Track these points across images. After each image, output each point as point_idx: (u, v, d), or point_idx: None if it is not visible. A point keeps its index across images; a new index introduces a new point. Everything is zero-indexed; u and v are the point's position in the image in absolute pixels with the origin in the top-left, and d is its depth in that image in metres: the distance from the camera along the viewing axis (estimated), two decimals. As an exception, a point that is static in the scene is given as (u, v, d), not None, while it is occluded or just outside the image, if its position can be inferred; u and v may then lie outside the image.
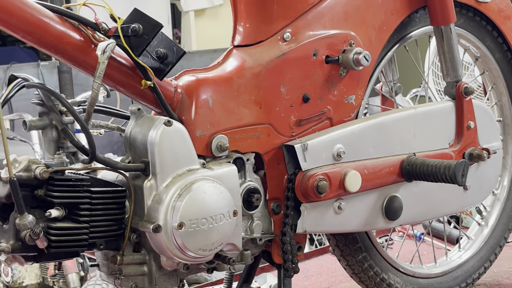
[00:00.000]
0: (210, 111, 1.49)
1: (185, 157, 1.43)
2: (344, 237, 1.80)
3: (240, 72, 1.54)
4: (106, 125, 1.51)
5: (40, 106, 1.37)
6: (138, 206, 1.41)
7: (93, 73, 1.36)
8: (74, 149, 1.39)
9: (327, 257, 2.47)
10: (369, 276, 1.86)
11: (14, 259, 1.36)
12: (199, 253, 1.41)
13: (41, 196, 1.33)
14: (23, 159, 1.32)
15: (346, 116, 1.70)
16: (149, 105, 1.48)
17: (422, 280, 1.97)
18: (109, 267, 1.45)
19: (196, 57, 5.79)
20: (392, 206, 1.73)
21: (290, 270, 1.60)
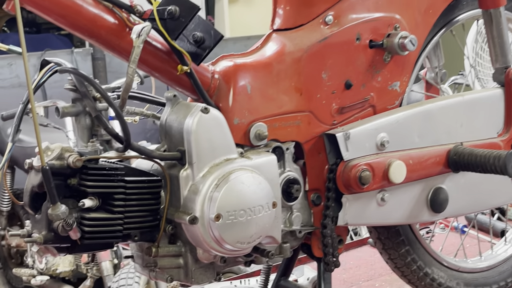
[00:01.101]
0: (248, 98, 1.43)
1: (223, 146, 1.37)
2: (386, 230, 1.73)
3: (280, 57, 1.48)
4: (141, 112, 1.46)
5: (73, 92, 1.32)
6: (173, 197, 1.36)
7: (128, 58, 1.31)
8: (108, 137, 1.34)
9: (366, 249, 2.41)
10: (412, 270, 1.79)
11: (46, 250, 1.32)
12: (237, 246, 1.35)
13: (74, 186, 1.28)
14: (56, 147, 1.28)
15: (390, 104, 1.62)
16: (185, 91, 1.42)
17: (467, 274, 1.90)
18: (144, 259, 1.41)
19: (230, 44, 5.73)
20: (438, 198, 1.65)
21: (331, 264, 1.54)
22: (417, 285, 1.84)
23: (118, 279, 3.35)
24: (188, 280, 1.41)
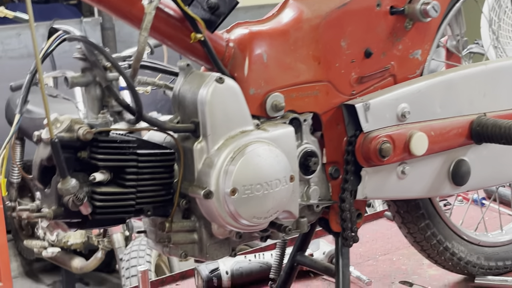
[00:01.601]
0: (264, 67, 1.38)
1: (238, 117, 1.32)
2: (406, 204, 1.68)
3: (297, 24, 1.42)
4: (153, 82, 1.40)
5: (83, 61, 1.26)
6: (187, 170, 1.31)
7: (139, 25, 1.25)
8: (119, 108, 1.28)
9: (383, 222, 2.36)
10: (432, 245, 1.74)
11: (56, 225, 1.28)
12: (253, 221, 1.31)
13: (85, 159, 1.24)
14: (65, 118, 1.23)
15: (411, 73, 1.56)
16: (198, 60, 1.37)
17: (488, 249, 1.85)
18: (157, 234, 1.36)
19: (241, 13, 5.64)
20: (460, 170, 1.60)
21: (349, 239, 1.50)
22: (436, 259, 1.79)
23: (129, 251, 3.33)
24: (202, 256, 1.36)
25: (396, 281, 1.91)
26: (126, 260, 3.27)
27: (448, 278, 1.89)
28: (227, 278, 1.89)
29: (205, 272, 1.89)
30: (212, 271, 1.89)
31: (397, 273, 1.96)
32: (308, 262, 1.65)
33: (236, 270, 1.90)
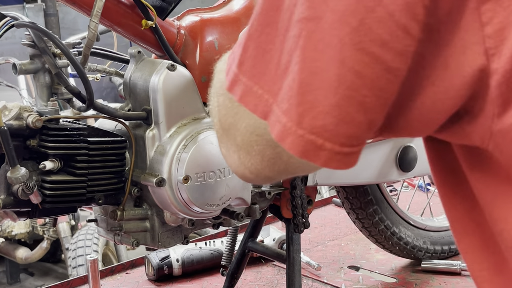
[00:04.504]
0: (216, 55, 1.37)
1: (190, 104, 1.32)
2: (354, 190, 1.71)
3: (248, 11, 1.42)
4: (103, 69, 1.39)
5: (31, 48, 1.24)
6: (139, 158, 1.30)
7: (89, 12, 1.23)
8: (69, 96, 1.27)
9: (330, 209, 2.39)
10: (379, 230, 1.78)
11: (5, 215, 1.26)
12: (206, 208, 1.31)
13: (34, 147, 1.22)
14: (14, 106, 1.21)
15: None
16: (149, 47, 1.36)
17: (433, 233, 1.90)
18: (108, 222, 1.35)
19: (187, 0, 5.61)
20: (407, 156, 1.64)
21: (300, 225, 1.51)
22: (384, 244, 1.83)
23: (76, 240, 3.29)
24: (154, 244, 1.36)
25: (345, 266, 1.94)
26: (73, 249, 3.23)
27: (395, 262, 1.93)
28: (178, 266, 1.89)
29: (156, 260, 1.89)
30: (163, 259, 1.89)
31: (346, 258, 1.99)
32: (260, 248, 1.66)
33: (187, 257, 1.90)
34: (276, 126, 0.69)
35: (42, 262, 4.22)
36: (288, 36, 0.68)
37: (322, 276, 1.88)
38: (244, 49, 0.73)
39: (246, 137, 0.75)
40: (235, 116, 0.76)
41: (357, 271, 1.92)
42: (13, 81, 3.56)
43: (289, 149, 0.68)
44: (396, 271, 1.90)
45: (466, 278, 1.83)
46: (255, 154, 0.75)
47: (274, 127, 0.69)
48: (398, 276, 1.87)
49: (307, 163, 0.69)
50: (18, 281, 4.28)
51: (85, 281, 1.88)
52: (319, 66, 0.66)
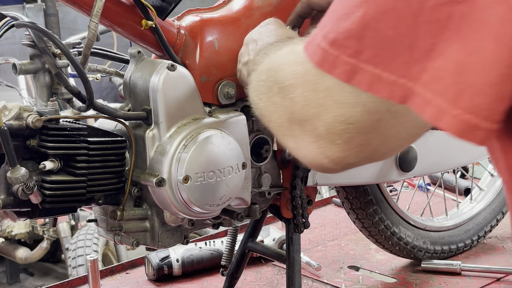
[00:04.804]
0: (216, 55, 1.37)
1: (190, 104, 1.32)
2: (354, 190, 1.71)
3: (248, 12, 1.42)
4: (103, 69, 1.39)
5: (31, 48, 1.24)
6: (139, 158, 1.30)
7: (89, 12, 1.23)
8: (69, 96, 1.26)
9: (330, 209, 2.39)
10: (380, 230, 1.77)
11: (5, 215, 1.26)
12: (206, 208, 1.31)
13: (34, 147, 1.22)
14: (14, 106, 1.21)
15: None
16: (149, 47, 1.36)
17: (433, 233, 1.90)
18: (108, 222, 1.35)
19: (187, 0, 5.61)
20: (407, 157, 1.64)
21: (300, 225, 1.51)
22: (384, 244, 1.83)
23: (76, 240, 3.29)
24: (154, 244, 1.36)
25: (345, 266, 1.94)
26: (73, 249, 3.23)
27: (395, 262, 1.93)
28: (178, 266, 1.89)
29: (156, 260, 1.89)
30: (163, 259, 1.89)
31: (346, 258, 1.99)
32: (260, 248, 1.66)
33: (187, 257, 1.90)
34: (427, 107, 0.69)
35: (42, 262, 4.22)
36: (423, 20, 0.69)
37: (322, 276, 1.88)
38: (359, 39, 0.72)
39: (334, 126, 0.75)
40: (320, 107, 0.76)
41: (357, 271, 1.92)
42: (13, 81, 3.56)
43: (447, 129, 0.68)
44: (396, 271, 1.90)
45: (466, 278, 1.83)
46: (342, 142, 0.76)
47: (423, 109, 0.69)
48: (398, 276, 1.87)
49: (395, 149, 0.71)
50: (18, 281, 4.28)
51: (85, 281, 1.88)
52: (476, 46, 0.67)
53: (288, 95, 0.81)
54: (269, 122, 0.87)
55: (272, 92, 0.84)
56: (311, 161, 0.81)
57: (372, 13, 0.72)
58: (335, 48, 0.74)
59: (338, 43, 0.74)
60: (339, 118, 0.75)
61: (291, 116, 0.81)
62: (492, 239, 2.06)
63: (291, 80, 0.81)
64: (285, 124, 0.82)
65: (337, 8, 0.77)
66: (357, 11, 0.73)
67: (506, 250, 2.00)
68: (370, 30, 0.72)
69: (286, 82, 0.82)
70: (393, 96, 0.71)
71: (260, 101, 0.88)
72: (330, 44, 0.75)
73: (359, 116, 0.74)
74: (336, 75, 0.74)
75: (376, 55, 0.72)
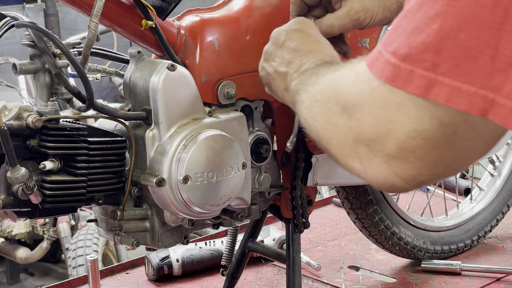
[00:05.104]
0: (216, 55, 1.37)
1: (190, 104, 1.32)
2: (354, 190, 1.71)
3: (248, 12, 1.42)
4: (103, 69, 1.39)
5: (31, 48, 1.24)
6: (139, 158, 1.30)
7: (89, 12, 1.23)
8: (69, 96, 1.27)
9: (330, 209, 2.39)
10: (380, 230, 1.77)
11: (5, 215, 1.26)
12: (206, 208, 1.31)
13: (34, 147, 1.22)
14: (14, 106, 1.21)
15: (360, 61, 1.58)
16: (149, 47, 1.36)
17: (433, 233, 1.90)
18: (108, 222, 1.35)
19: (187, 0, 5.61)
20: (407, 157, 1.63)
21: (300, 225, 1.51)
22: (384, 244, 1.83)
23: (76, 240, 3.29)
24: (154, 244, 1.36)
25: (345, 266, 1.94)
26: (73, 249, 3.23)
27: (395, 262, 1.93)
28: (178, 266, 1.89)
29: (156, 260, 1.89)
30: (163, 259, 1.89)
31: (346, 258, 1.99)
32: (260, 248, 1.66)
33: (187, 257, 1.90)
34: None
35: (42, 262, 4.22)
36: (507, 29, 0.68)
37: (322, 276, 1.88)
38: (437, 51, 0.71)
39: (407, 143, 0.74)
40: (390, 124, 0.75)
41: (357, 271, 1.92)
42: (13, 81, 3.56)
43: None
44: (396, 271, 1.90)
45: (466, 278, 1.83)
46: (415, 159, 0.74)
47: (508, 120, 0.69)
48: (398, 276, 1.87)
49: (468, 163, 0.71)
50: (18, 281, 4.28)
51: (85, 281, 1.88)
52: None
53: (354, 115, 0.79)
54: (329, 144, 0.84)
55: (331, 113, 0.82)
56: (382, 182, 0.79)
57: (451, 24, 0.71)
58: (409, 62, 0.73)
59: (412, 58, 0.73)
60: (412, 134, 0.74)
61: (357, 137, 0.79)
62: (492, 239, 2.06)
63: (356, 100, 0.79)
64: (349, 145, 0.80)
65: (403, 23, 0.75)
66: (432, 24, 0.72)
67: (506, 250, 2.00)
68: (449, 41, 0.70)
69: (350, 102, 0.80)
70: (473, 108, 0.70)
71: (316, 122, 0.86)
72: (402, 59, 0.73)
73: (434, 130, 0.72)
74: (411, 90, 0.72)
75: (455, 67, 0.70)
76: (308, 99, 0.91)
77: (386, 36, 0.77)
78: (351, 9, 1.25)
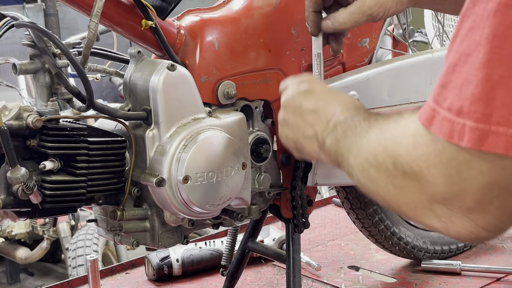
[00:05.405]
0: (216, 55, 1.38)
1: (190, 104, 1.32)
2: (354, 190, 1.71)
3: (248, 12, 1.42)
4: (103, 69, 1.39)
5: (31, 48, 1.24)
6: (139, 158, 1.30)
7: (89, 12, 1.23)
8: (69, 96, 1.27)
9: (330, 209, 2.39)
10: (379, 230, 1.77)
11: (5, 215, 1.26)
12: (206, 208, 1.31)
13: (34, 147, 1.22)
14: (14, 106, 1.21)
15: (360, 61, 1.59)
16: (149, 47, 1.36)
17: (433, 233, 1.90)
18: (108, 222, 1.35)
19: (187, 0, 5.61)
20: (407, 157, 1.63)
21: (300, 225, 1.51)
22: (384, 244, 1.83)
23: (76, 240, 3.29)
24: (154, 244, 1.36)
25: (345, 266, 1.94)
26: (73, 249, 3.23)
27: (395, 263, 1.93)
28: (178, 266, 1.89)
29: (156, 260, 1.89)
30: (163, 259, 1.89)
31: (346, 258, 1.99)
32: (260, 248, 1.66)
33: (187, 257, 1.90)
34: None
35: (42, 262, 4.23)
36: None
37: (322, 276, 1.88)
38: (487, 101, 0.70)
39: (484, 196, 0.74)
40: (464, 181, 0.75)
41: (357, 271, 1.92)
42: (13, 81, 3.56)
43: None
44: (396, 271, 1.90)
45: (466, 278, 1.83)
46: (495, 209, 0.75)
47: None
48: (398, 276, 1.87)
49: None
50: (18, 281, 4.28)
51: (85, 281, 1.88)
52: None
53: (423, 178, 0.78)
54: (399, 206, 0.84)
55: (393, 177, 0.82)
56: (467, 236, 0.79)
57: (500, 72, 0.70)
58: (462, 116, 0.72)
59: (464, 111, 0.72)
60: (487, 186, 0.74)
61: (431, 197, 0.79)
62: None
63: (422, 164, 0.79)
64: (424, 205, 0.80)
65: (453, 78, 0.74)
66: (479, 74, 0.71)
67: (506, 250, 2.00)
68: (500, 89, 0.70)
69: (415, 168, 0.79)
70: None
71: (378, 186, 0.87)
72: (456, 114, 0.73)
73: (508, 178, 0.72)
74: (465, 144, 0.72)
75: (510, 114, 0.69)
76: (359, 164, 0.91)
77: (438, 92, 0.76)
78: (364, 5, 1.24)
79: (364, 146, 0.92)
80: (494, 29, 0.70)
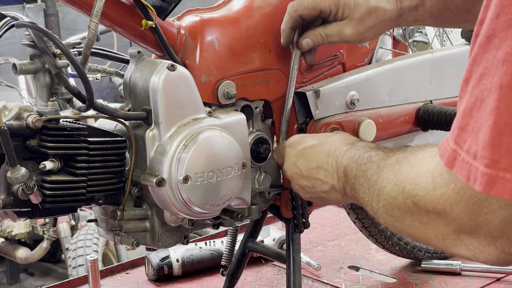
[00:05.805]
0: (216, 55, 1.37)
1: (191, 104, 1.32)
2: (354, 190, 1.71)
3: (248, 12, 1.42)
4: (103, 69, 1.39)
5: (31, 48, 1.24)
6: (139, 158, 1.30)
7: (89, 12, 1.23)
8: (69, 96, 1.27)
9: (330, 209, 2.39)
10: (380, 230, 1.78)
11: (5, 215, 1.26)
12: (206, 208, 1.31)
13: (34, 147, 1.22)
14: (14, 106, 1.21)
15: (360, 61, 1.59)
16: (149, 47, 1.36)
17: (433, 233, 1.90)
18: (108, 222, 1.35)
19: (187, 0, 5.61)
20: (407, 157, 1.63)
21: (300, 225, 1.51)
22: (384, 244, 1.83)
23: (76, 240, 3.30)
24: (154, 244, 1.36)
25: (345, 266, 1.94)
26: (73, 249, 3.23)
27: (395, 262, 1.93)
28: (178, 266, 1.89)
29: (156, 260, 1.89)
30: (163, 259, 1.89)
31: (346, 258, 1.99)
32: (260, 248, 1.66)
33: (187, 257, 1.90)
34: None
35: (42, 262, 4.23)
36: None
37: (322, 276, 1.88)
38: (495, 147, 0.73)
39: (506, 226, 0.78)
40: (486, 215, 0.79)
41: (357, 271, 1.92)
42: (13, 81, 3.56)
43: None
44: (396, 271, 1.90)
45: (466, 278, 1.83)
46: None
47: None
48: (398, 276, 1.87)
49: None
50: (18, 281, 4.29)
51: (85, 281, 1.88)
52: None
53: (446, 215, 0.83)
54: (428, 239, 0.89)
55: (416, 215, 0.87)
56: (495, 261, 0.84)
57: (506, 119, 0.72)
58: (476, 160, 0.75)
59: (478, 155, 0.75)
60: (508, 219, 0.78)
61: (457, 230, 0.83)
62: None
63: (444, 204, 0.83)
64: (451, 237, 0.85)
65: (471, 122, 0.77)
66: (489, 120, 0.73)
67: (506, 250, 2.00)
68: (506, 136, 0.72)
69: (438, 207, 0.84)
70: None
71: (404, 224, 0.91)
72: (473, 157, 0.76)
73: None
74: (477, 188, 0.75)
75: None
76: (382, 207, 0.96)
77: (458, 134, 0.79)
78: (341, 31, 1.31)
79: (381, 190, 0.97)
80: (501, 78, 0.72)
